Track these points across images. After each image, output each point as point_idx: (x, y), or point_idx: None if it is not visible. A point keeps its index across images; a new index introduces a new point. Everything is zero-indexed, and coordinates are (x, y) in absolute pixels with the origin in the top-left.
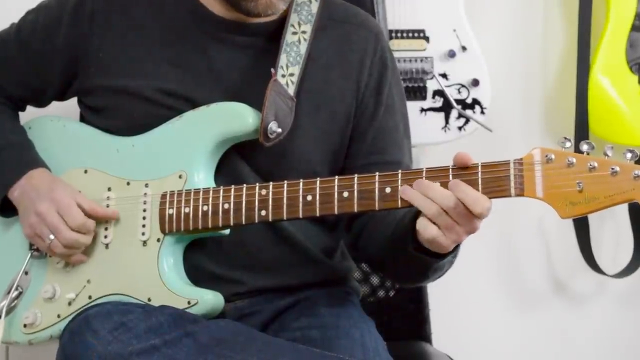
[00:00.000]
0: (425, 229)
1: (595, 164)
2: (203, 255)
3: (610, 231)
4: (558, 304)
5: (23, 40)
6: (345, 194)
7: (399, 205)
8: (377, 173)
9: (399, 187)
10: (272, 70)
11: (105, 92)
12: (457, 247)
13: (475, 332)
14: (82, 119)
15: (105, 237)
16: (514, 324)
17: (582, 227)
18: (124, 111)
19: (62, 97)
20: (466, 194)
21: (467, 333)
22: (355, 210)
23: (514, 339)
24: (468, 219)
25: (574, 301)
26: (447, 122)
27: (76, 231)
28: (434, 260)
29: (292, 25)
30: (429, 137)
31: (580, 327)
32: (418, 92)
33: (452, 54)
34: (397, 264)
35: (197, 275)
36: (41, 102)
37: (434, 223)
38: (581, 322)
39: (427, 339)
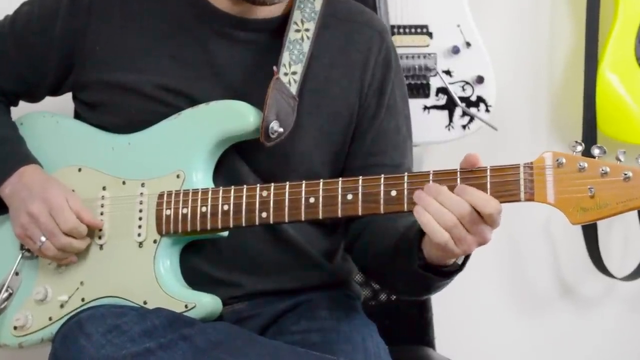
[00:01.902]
0: (435, 234)
1: (608, 169)
2: (200, 258)
3: (619, 233)
4: (565, 307)
5: (17, 33)
6: (350, 197)
7: (405, 209)
8: (382, 175)
9: (405, 190)
10: (275, 68)
11: (102, 87)
12: (464, 264)
13: (480, 337)
14: (77, 116)
15: (100, 238)
16: (519, 329)
17: (590, 229)
18: (121, 107)
19: (56, 92)
20: (475, 197)
21: (472, 338)
22: (360, 213)
23: (520, 344)
24: (480, 226)
25: (581, 305)
26: (450, 120)
27: (68, 235)
28: (438, 279)
29: (295, 23)
30: (432, 135)
31: (588, 332)
32: (421, 90)
33: (456, 50)
34: (399, 279)
35: (194, 278)
36: (35, 97)
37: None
38: (589, 326)
39: (430, 343)
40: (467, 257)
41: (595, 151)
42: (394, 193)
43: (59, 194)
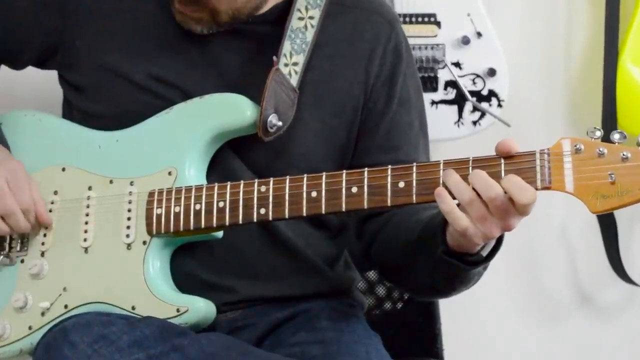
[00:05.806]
0: (456, 220)
1: (629, 154)
2: (192, 261)
3: None
4: (583, 317)
5: None
6: (354, 190)
7: (414, 201)
8: (389, 166)
9: (414, 181)
10: (275, 58)
11: (90, 69)
12: (489, 258)
13: (493, 348)
14: (65, 101)
15: (85, 240)
16: (535, 339)
17: (609, 232)
18: (109, 93)
19: (42, 64)
20: (513, 183)
21: (483, 350)
22: (365, 206)
23: (536, 356)
24: (507, 212)
25: (600, 314)
26: (460, 116)
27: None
28: (464, 268)
29: (299, 10)
30: (440, 132)
31: (608, 342)
32: (429, 83)
33: (466, 41)
34: (421, 271)
35: (185, 282)
36: (16, 64)
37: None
38: (609, 336)
39: (439, 356)
40: (494, 250)
41: (615, 136)
42: (402, 184)
43: (23, 174)
